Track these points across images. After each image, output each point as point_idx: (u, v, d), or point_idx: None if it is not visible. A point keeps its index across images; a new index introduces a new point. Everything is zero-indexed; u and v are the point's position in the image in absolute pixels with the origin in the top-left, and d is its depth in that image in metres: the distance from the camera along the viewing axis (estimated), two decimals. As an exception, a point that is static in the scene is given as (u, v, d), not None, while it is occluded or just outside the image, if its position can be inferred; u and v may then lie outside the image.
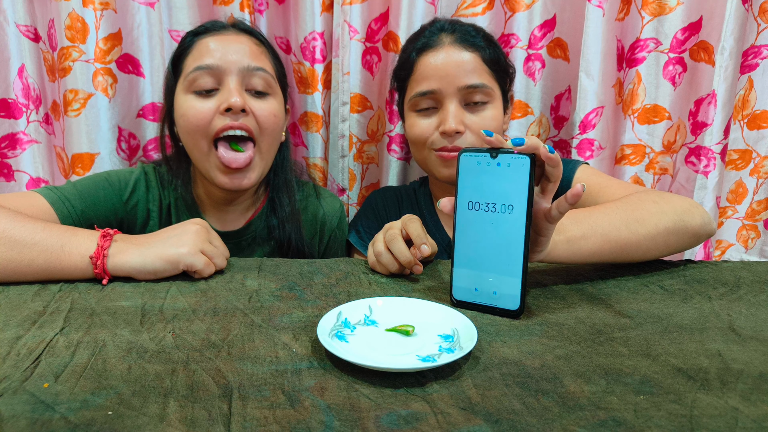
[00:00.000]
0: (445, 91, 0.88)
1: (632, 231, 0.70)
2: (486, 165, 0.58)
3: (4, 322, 0.55)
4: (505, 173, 0.57)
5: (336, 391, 0.43)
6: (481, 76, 0.88)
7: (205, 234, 0.72)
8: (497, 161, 0.57)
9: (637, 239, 0.70)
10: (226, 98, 0.83)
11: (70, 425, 0.38)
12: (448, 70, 0.88)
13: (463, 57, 0.88)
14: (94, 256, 0.65)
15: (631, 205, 0.73)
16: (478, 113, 0.89)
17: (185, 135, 0.87)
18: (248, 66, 0.85)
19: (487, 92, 0.88)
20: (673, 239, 0.73)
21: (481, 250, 0.59)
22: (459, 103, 0.88)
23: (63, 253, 0.66)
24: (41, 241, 0.65)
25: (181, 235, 0.70)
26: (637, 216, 0.71)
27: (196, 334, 0.53)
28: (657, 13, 1.08)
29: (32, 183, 1.11)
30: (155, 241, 0.69)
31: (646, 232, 0.71)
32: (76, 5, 1.01)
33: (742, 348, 0.52)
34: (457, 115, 0.88)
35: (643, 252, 0.72)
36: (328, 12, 1.11)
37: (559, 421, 0.40)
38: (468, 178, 0.59)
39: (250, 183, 0.88)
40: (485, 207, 0.58)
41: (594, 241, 0.67)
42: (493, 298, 0.59)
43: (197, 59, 0.85)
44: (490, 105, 0.89)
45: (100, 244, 0.66)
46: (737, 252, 1.20)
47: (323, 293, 0.65)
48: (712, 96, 1.06)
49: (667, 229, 0.72)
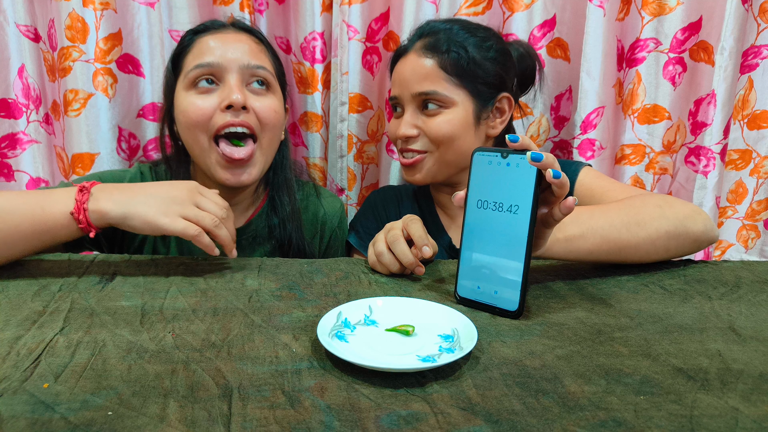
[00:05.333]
0: (403, 97, 0.92)
1: (632, 233, 0.70)
2: (497, 165, 0.58)
3: (4, 322, 0.55)
4: (514, 174, 0.57)
5: (336, 391, 0.43)
6: (436, 83, 0.88)
7: (190, 197, 0.70)
8: (507, 161, 0.58)
9: (636, 241, 0.71)
10: (227, 95, 0.83)
11: (70, 425, 0.38)
12: (406, 76, 0.91)
13: (420, 64, 0.90)
14: (74, 212, 0.66)
15: (633, 207, 0.73)
16: (432, 118, 0.90)
17: (185, 132, 0.87)
18: (248, 64, 0.85)
19: (440, 99, 0.89)
20: (673, 244, 0.73)
21: (486, 249, 0.60)
22: (416, 108, 0.91)
23: (44, 213, 0.66)
24: (21, 205, 0.66)
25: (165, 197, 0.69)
26: (638, 218, 0.71)
27: (196, 334, 0.53)
28: (657, 13, 1.08)
29: (32, 183, 1.11)
30: (138, 196, 0.69)
31: (646, 235, 0.71)
32: (76, 5, 1.01)
33: (743, 348, 0.52)
34: (409, 121, 0.91)
35: (641, 255, 0.73)
36: (328, 12, 1.11)
37: (559, 422, 0.40)
38: (479, 177, 0.60)
39: (251, 179, 0.88)
40: (493, 206, 0.59)
41: (592, 241, 0.68)
42: (493, 298, 0.59)
43: (197, 57, 0.85)
44: (445, 111, 0.89)
45: (78, 198, 0.66)
46: (737, 252, 1.20)
47: (323, 293, 0.65)
48: (711, 96, 1.06)
49: (668, 233, 0.72)
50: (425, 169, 0.93)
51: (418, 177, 0.94)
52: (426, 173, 0.93)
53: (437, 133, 0.89)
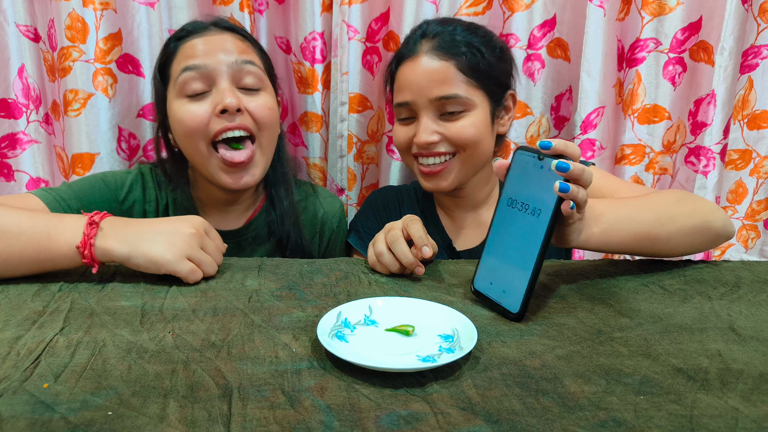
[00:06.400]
0: (419, 103, 0.87)
1: (664, 227, 0.71)
2: (532, 165, 0.59)
3: (4, 322, 0.55)
4: (544, 178, 0.57)
5: (336, 391, 0.43)
6: (454, 86, 0.86)
7: (197, 239, 0.69)
8: (542, 164, 0.58)
9: (668, 235, 0.72)
10: (220, 99, 0.82)
11: (70, 425, 0.38)
12: (420, 81, 0.87)
13: (436, 67, 0.86)
14: (80, 246, 0.65)
15: (663, 202, 0.75)
16: (454, 122, 0.87)
17: (183, 140, 0.86)
18: (236, 60, 0.84)
19: (462, 102, 0.86)
20: (698, 238, 0.75)
21: (505, 247, 0.60)
22: (434, 113, 0.87)
23: (50, 241, 0.65)
24: (27, 230, 0.65)
25: (172, 235, 0.67)
26: (669, 213, 0.73)
27: (196, 334, 0.53)
28: (657, 13, 1.08)
29: (32, 183, 1.11)
30: (145, 234, 0.67)
31: (676, 229, 0.72)
32: (76, 5, 1.01)
33: (742, 348, 0.52)
34: (429, 127, 0.87)
35: (671, 248, 0.74)
36: (328, 12, 1.10)
37: (559, 422, 0.40)
38: (515, 175, 0.61)
39: (254, 180, 0.88)
40: (520, 206, 0.59)
41: (627, 233, 0.69)
42: (501, 296, 0.60)
43: (183, 62, 0.84)
44: (468, 113, 0.87)
45: (86, 232, 0.65)
46: (737, 252, 1.20)
47: (323, 293, 0.65)
48: (711, 96, 1.06)
49: (695, 228, 0.74)
50: (452, 175, 0.90)
51: (444, 185, 0.90)
52: (453, 180, 0.90)
53: (463, 137, 0.87)
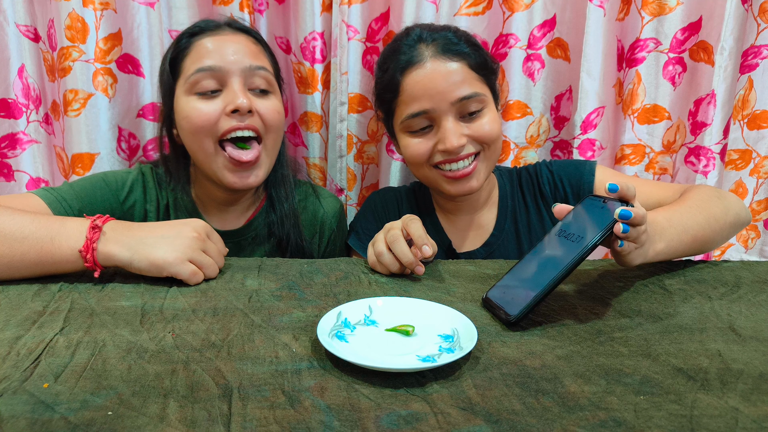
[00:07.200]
0: (439, 109, 0.84)
1: (712, 228, 0.75)
2: (594, 206, 0.61)
3: (4, 322, 0.55)
4: (600, 212, 0.59)
5: (336, 391, 0.43)
6: (472, 84, 0.85)
7: (199, 242, 0.69)
8: (605, 204, 0.60)
9: (713, 234, 0.76)
10: (232, 100, 0.83)
11: (70, 425, 0.38)
12: (437, 86, 0.84)
13: (449, 68, 0.84)
14: (83, 250, 0.65)
15: (705, 203, 0.77)
16: (476, 121, 0.86)
17: (189, 137, 0.86)
18: (250, 66, 0.85)
19: (481, 99, 0.86)
20: (733, 231, 0.81)
21: (532, 268, 0.61)
22: (455, 117, 0.85)
23: (53, 246, 0.65)
24: (31, 234, 0.65)
25: (174, 238, 0.68)
26: (713, 213, 0.76)
27: (196, 334, 0.53)
28: (657, 13, 1.08)
29: (32, 183, 1.11)
30: (147, 238, 0.67)
31: (720, 228, 0.77)
32: (76, 5, 1.01)
33: (742, 348, 0.52)
34: (456, 131, 0.85)
35: (714, 245, 0.79)
36: (328, 12, 1.11)
37: (559, 422, 0.40)
38: (577, 214, 0.62)
39: (258, 180, 0.88)
40: (566, 234, 0.60)
41: (686, 241, 0.72)
42: (506, 302, 0.58)
43: (197, 61, 0.85)
44: (486, 110, 0.87)
45: (89, 237, 0.65)
46: (737, 252, 1.20)
47: (323, 293, 0.65)
48: (711, 96, 1.06)
49: (731, 224, 0.80)
50: (481, 173, 0.89)
51: (476, 184, 0.89)
52: (482, 177, 0.89)
53: (489, 134, 0.86)
